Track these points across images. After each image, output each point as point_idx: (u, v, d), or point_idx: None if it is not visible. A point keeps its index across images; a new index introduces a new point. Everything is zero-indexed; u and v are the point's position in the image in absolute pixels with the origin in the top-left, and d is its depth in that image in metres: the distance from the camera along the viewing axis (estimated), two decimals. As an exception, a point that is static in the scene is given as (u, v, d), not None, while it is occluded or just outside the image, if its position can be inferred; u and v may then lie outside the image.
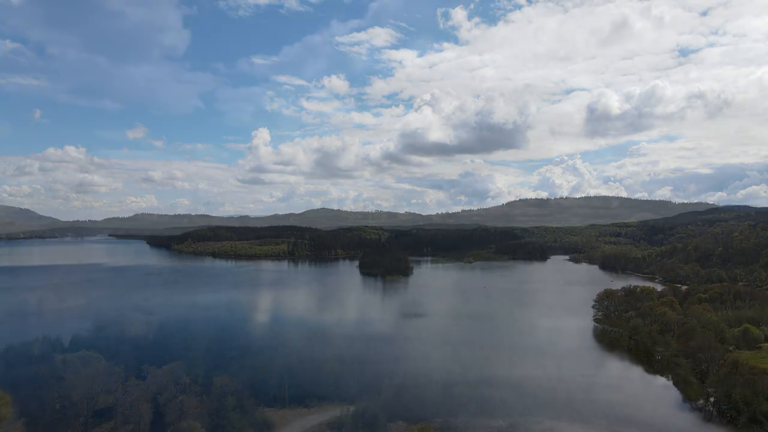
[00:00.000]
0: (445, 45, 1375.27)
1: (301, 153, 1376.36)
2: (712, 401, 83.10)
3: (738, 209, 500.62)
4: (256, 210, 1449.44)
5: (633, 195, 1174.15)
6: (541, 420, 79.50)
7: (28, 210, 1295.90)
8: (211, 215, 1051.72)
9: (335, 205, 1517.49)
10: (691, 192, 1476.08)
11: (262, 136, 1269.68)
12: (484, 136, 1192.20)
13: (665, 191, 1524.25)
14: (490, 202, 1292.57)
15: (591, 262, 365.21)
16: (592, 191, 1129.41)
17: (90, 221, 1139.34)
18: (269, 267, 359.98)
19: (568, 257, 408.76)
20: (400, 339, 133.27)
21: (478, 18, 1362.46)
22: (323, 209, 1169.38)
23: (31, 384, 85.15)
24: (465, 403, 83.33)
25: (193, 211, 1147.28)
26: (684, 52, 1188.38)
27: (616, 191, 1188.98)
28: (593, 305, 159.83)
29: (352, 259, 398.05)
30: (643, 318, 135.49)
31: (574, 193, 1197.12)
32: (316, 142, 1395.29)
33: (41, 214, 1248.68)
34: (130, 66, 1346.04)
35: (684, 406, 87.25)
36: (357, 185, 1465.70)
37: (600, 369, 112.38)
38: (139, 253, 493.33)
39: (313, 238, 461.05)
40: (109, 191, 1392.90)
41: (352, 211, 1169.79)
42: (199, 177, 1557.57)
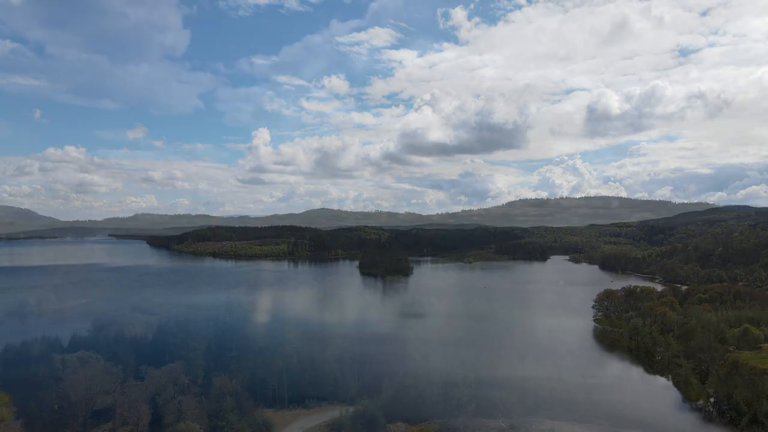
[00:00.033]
0: (445, 45, 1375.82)
1: (301, 153, 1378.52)
2: (712, 402, 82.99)
3: (738, 209, 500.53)
4: (256, 210, 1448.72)
5: (633, 195, 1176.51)
6: (541, 420, 79.43)
7: (28, 210, 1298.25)
8: (211, 215, 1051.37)
9: (335, 205, 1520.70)
10: (691, 192, 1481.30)
11: (262, 136, 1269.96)
12: (484, 136, 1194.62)
13: (665, 191, 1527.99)
14: (490, 202, 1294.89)
15: (591, 262, 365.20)
16: (592, 191, 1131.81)
17: (90, 221, 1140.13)
18: (269, 267, 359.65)
19: (568, 257, 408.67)
20: (399, 339, 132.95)
21: (478, 18, 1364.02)
22: (323, 209, 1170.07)
23: (30, 384, 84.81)
24: (465, 403, 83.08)
25: (193, 211, 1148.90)
26: (684, 52, 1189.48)
27: (616, 191, 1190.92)
28: (593, 305, 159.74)
29: (352, 259, 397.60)
30: (643, 318, 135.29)
31: (574, 193, 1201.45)
32: (316, 142, 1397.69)
33: (41, 214, 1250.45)
34: (130, 66, 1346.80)
35: (684, 407, 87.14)
36: (357, 185, 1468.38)
37: (600, 369, 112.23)
38: (139, 253, 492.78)
39: (313, 238, 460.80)
40: (109, 191, 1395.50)
41: (352, 211, 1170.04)
42: (199, 177, 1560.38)
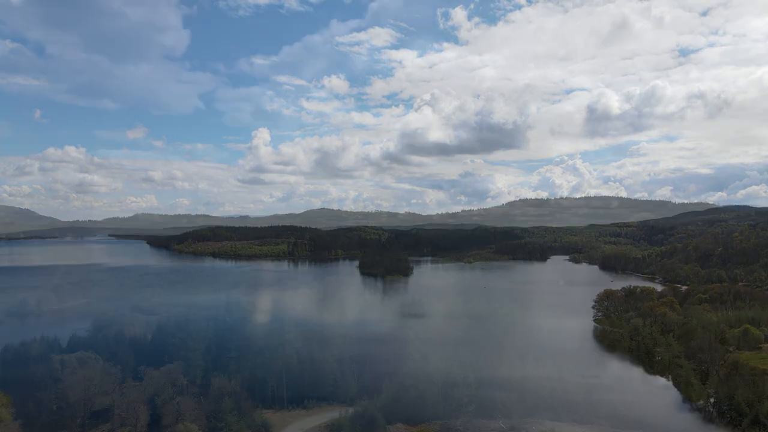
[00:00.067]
0: (445, 45, 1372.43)
1: (301, 153, 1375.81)
2: (712, 402, 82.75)
3: (738, 209, 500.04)
4: (256, 210, 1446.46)
5: (633, 195, 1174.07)
6: (542, 421, 79.20)
7: (28, 210, 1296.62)
8: (211, 215, 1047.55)
9: (335, 205, 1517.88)
10: (691, 192, 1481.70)
11: (262, 136, 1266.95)
12: (484, 136, 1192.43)
13: (665, 191, 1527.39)
14: (490, 202, 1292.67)
15: (591, 262, 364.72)
16: (592, 191, 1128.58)
17: (90, 221, 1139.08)
18: (269, 267, 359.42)
19: (568, 257, 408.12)
20: (399, 339, 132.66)
21: (478, 18, 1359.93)
22: (323, 209, 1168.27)
23: (29, 385, 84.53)
24: (465, 404, 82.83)
25: (193, 211, 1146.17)
26: (684, 52, 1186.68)
27: (616, 191, 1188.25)
28: (593, 305, 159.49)
29: (352, 259, 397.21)
30: (644, 318, 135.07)
31: (574, 193, 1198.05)
32: (316, 142, 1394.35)
33: (41, 214, 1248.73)
34: (130, 66, 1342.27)
35: (684, 407, 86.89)
36: (357, 185, 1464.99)
37: (600, 370, 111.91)
38: (139, 254, 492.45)
39: (313, 238, 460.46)
40: (109, 191, 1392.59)
41: (352, 211, 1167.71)
42: (199, 177, 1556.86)
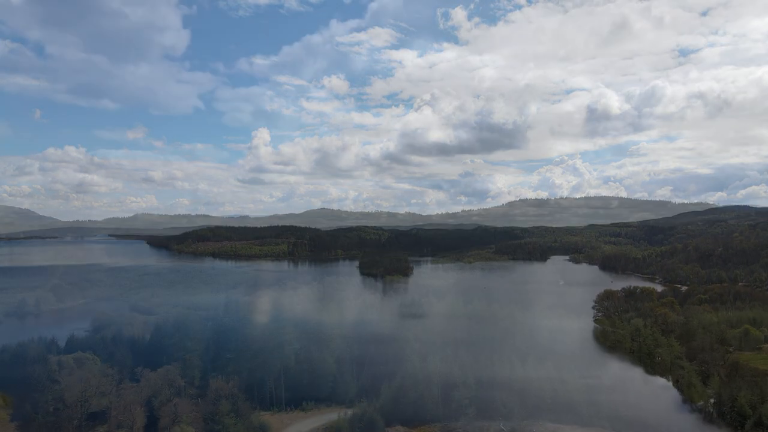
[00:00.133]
0: (445, 45, 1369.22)
1: (301, 153, 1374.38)
2: (713, 402, 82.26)
3: (738, 209, 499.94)
4: (256, 210, 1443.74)
5: (633, 195, 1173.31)
6: (542, 423, 78.78)
7: (28, 210, 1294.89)
8: (211, 215, 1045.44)
9: (335, 205, 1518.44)
10: (691, 192, 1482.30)
11: (262, 136, 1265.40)
12: (484, 136, 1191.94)
13: (665, 191, 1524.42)
14: (490, 202, 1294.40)
15: (591, 262, 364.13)
16: (592, 191, 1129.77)
17: (90, 221, 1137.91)
18: (269, 267, 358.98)
19: (568, 257, 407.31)
20: (399, 340, 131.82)
21: (478, 18, 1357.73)
22: (323, 209, 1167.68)
23: (26, 386, 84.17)
24: (465, 405, 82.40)
25: (193, 211, 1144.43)
26: (684, 52, 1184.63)
27: (616, 191, 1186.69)
28: (593, 306, 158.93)
29: (352, 259, 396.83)
30: (644, 319, 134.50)
31: (574, 193, 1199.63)
32: (316, 142, 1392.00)
33: (41, 214, 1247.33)
34: (129, 66, 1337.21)
35: (684, 408, 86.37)
36: (357, 185, 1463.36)
37: (601, 370, 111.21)
38: (139, 254, 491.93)
39: (313, 239, 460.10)
40: (109, 191, 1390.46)
41: (352, 211, 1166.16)
42: (199, 177, 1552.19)
